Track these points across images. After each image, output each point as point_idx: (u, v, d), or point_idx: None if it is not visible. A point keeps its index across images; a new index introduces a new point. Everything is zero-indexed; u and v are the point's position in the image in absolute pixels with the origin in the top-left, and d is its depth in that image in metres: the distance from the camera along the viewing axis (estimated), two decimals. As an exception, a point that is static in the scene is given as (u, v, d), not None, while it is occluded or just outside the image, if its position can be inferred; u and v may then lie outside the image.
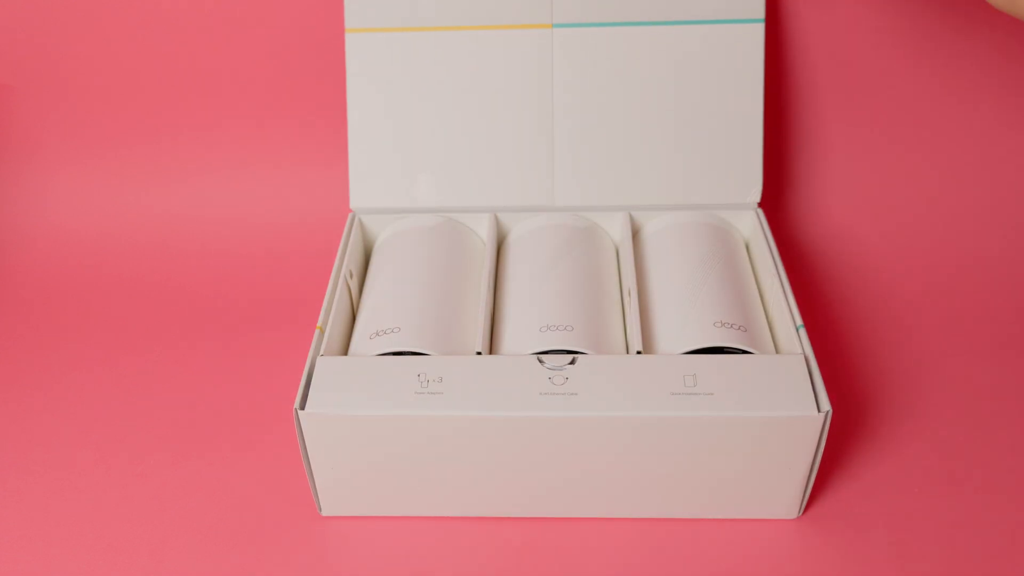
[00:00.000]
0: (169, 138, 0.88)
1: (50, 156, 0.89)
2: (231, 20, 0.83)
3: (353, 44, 0.75)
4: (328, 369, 0.58)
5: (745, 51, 0.74)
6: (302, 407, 0.56)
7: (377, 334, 0.62)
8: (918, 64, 0.83)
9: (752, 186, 0.75)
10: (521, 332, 0.63)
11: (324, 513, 0.62)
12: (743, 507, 0.61)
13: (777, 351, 0.63)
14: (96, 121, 0.88)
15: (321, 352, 0.61)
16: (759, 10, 0.74)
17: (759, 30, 0.74)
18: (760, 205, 0.75)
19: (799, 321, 0.62)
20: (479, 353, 0.61)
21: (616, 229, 0.75)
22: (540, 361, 0.58)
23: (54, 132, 0.88)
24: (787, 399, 0.55)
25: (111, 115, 0.87)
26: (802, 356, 0.58)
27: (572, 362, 0.58)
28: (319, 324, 0.63)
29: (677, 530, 0.61)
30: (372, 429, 0.56)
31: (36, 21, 0.83)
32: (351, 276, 0.69)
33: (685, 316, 0.64)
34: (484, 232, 0.75)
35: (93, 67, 0.86)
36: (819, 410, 0.55)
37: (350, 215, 0.75)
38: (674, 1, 0.74)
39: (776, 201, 0.87)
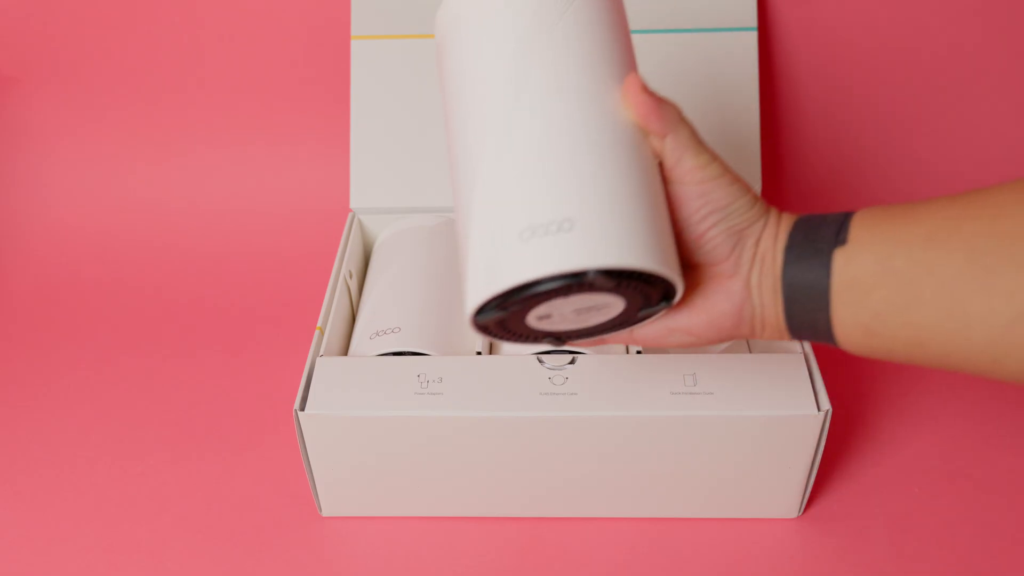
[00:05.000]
0: (172, 138, 0.88)
1: (53, 153, 0.89)
2: (237, 22, 0.83)
3: (358, 50, 0.76)
4: (328, 370, 0.58)
5: (739, 57, 0.75)
6: (302, 408, 0.56)
7: (377, 334, 0.62)
8: (921, 60, 0.83)
9: (751, 184, 0.75)
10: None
11: (324, 513, 0.62)
12: (743, 507, 0.61)
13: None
14: (98, 120, 0.88)
15: (321, 353, 0.61)
16: (751, 19, 0.75)
17: (752, 38, 0.75)
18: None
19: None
20: (479, 353, 0.61)
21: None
22: (540, 361, 0.58)
23: (57, 127, 0.88)
24: (787, 398, 0.55)
25: (114, 114, 0.87)
26: (802, 355, 0.58)
27: (572, 362, 0.58)
28: (319, 324, 0.62)
29: (677, 530, 0.61)
30: (372, 429, 0.56)
31: (44, 15, 0.83)
32: (351, 276, 0.69)
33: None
34: (484, 232, 0.75)
35: (97, 66, 0.86)
36: (819, 409, 0.55)
37: (350, 215, 0.75)
38: (670, 10, 0.75)
39: (776, 200, 0.87)
